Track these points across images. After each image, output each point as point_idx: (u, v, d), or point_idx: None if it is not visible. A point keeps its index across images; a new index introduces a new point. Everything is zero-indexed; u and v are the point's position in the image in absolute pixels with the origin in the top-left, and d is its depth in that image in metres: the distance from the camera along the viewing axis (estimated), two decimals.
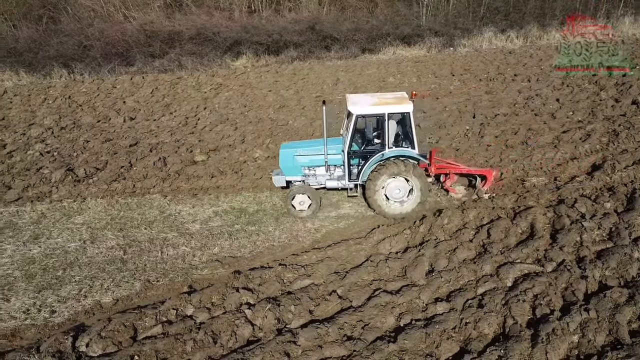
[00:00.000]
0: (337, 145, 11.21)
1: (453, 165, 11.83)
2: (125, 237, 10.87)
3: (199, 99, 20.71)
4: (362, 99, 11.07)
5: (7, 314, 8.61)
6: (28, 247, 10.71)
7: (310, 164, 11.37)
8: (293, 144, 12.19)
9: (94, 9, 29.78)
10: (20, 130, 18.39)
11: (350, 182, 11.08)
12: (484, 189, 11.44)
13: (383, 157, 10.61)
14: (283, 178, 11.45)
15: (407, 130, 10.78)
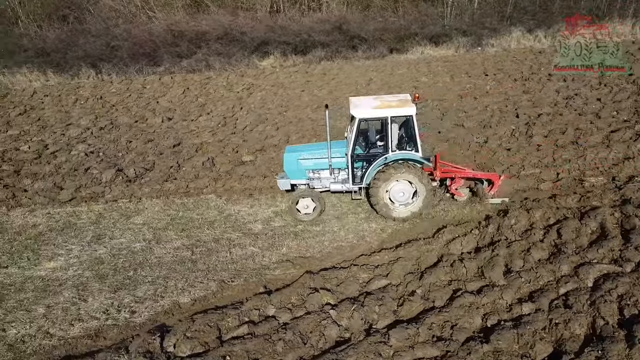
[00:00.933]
0: (341, 148, 11.16)
1: (458, 169, 11.79)
2: (189, 237, 10.88)
3: (233, 99, 20.70)
4: (365, 101, 11.04)
5: (87, 314, 8.64)
6: (93, 247, 10.73)
7: (315, 168, 11.34)
8: (297, 147, 12.20)
9: (117, 9, 29.80)
10: (58, 130, 18.42)
11: (354, 185, 11.07)
12: (490, 193, 11.38)
13: (387, 160, 10.60)
14: (288, 181, 11.42)
15: (410, 133, 10.77)
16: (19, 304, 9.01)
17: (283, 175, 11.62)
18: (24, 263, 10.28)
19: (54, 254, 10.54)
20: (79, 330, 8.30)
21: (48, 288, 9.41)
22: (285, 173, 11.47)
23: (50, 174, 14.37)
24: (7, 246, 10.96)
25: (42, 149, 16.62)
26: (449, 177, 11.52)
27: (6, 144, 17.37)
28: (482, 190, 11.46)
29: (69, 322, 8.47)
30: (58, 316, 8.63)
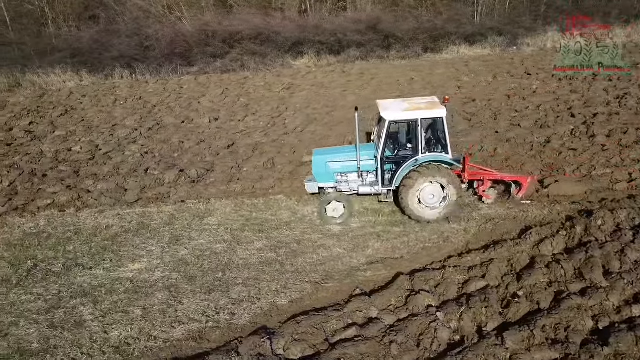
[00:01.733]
0: (369, 151, 11.14)
1: (487, 171, 11.76)
2: (269, 238, 10.82)
3: (276, 99, 20.67)
4: (394, 104, 11.01)
5: (185, 317, 8.59)
6: (173, 248, 10.69)
7: (343, 170, 11.32)
8: (325, 150, 12.19)
9: (146, 10, 29.78)
10: (105, 131, 18.41)
11: (383, 188, 11.03)
12: (518, 196, 11.35)
13: (417, 163, 10.53)
14: (315, 184, 11.38)
15: (440, 135, 10.72)
16: (114, 305, 8.97)
17: (311, 178, 11.58)
18: (107, 264, 10.24)
19: (136, 255, 10.50)
20: (181, 332, 8.24)
21: (139, 290, 9.35)
22: (313, 176, 11.45)
23: (110, 175, 14.35)
24: (86, 247, 10.93)
25: (94, 149, 16.62)
26: (477, 179, 11.52)
27: (56, 144, 17.37)
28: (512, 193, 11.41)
29: (169, 325, 8.41)
30: (157, 318, 8.58)
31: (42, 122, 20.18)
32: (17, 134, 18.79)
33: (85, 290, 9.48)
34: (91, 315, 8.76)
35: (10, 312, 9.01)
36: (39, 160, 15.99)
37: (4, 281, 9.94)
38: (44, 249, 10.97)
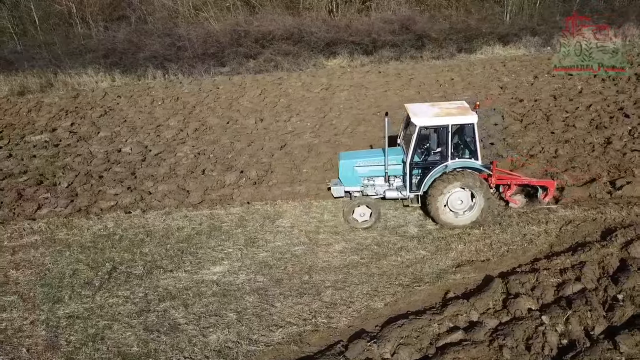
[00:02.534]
0: (397, 155, 11.08)
1: (514, 176, 11.69)
2: (347, 240, 10.76)
3: (317, 99, 20.59)
4: (424, 109, 10.90)
5: (281, 320, 8.54)
6: (251, 250, 10.63)
7: (370, 175, 11.27)
8: (352, 154, 12.15)
9: (175, 10, 29.74)
10: (151, 132, 18.35)
11: (411, 193, 10.97)
12: (545, 200, 11.30)
13: (447, 169, 10.47)
14: (342, 188, 11.33)
15: (470, 141, 10.65)
16: (205, 308, 8.92)
17: (337, 182, 11.53)
18: (188, 267, 10.19)
19: (215, 257, 10.45)
20: (280, 335, 8.19)
21: (227, 293, 9.30)
22: (340, 180, 11.42)
23: (168, 176, 14.30)
24: (162, 250, 10.88)
25: (144, 150, 16.56)
26: (504, 183, 11.46)
27: (104, 145, 17.32)
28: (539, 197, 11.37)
29: (267, 328, 8.36)
30: (253, 321, 8.52)
31: (83, 122, 20.13)
32: (62, 135, 18.75)
33: (171, 293, 9.43)
34: (184, 319, 8.71)
35: (101, 315, 8.97)
36: (91, 161, 15.94)
37: (86, 284, 9.90)
38: (120, 251, 10.92)
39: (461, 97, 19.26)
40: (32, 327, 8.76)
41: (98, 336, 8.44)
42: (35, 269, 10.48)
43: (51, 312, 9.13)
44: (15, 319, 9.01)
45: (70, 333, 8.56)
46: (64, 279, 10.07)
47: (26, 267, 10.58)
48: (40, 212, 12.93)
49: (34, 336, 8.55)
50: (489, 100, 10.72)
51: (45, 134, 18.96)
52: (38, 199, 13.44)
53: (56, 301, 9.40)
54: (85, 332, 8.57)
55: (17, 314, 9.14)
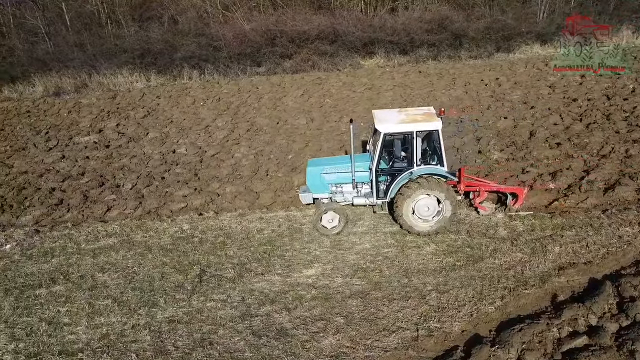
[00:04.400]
0: (364, 162, 11.06)
1: (483, 182, 11.63)
2: (435, 242, 10.58)
3: (363, 100, 20.41)
4: (390, 115, 10.85)
5: (392, 324, 8.36)
6: (339, 253, 10.48)
7: (338, 181, 11.22)
8: (320, 160, 12.08)
9: (204, 10, 29.61)
10: (200, 132, 18.23)
11: (378, 200, 10.91)
12: (515, 207, 11.23)
13: (412, 175, 10.41)
14: (310, 195, 11.28)
15: (435, 147, 10.58)
16: (309, 312, 8.75)
17: (305, 189, 11.46)
18: (279, 270, 10.03)
19: (305, 260, 10.29)
20: (396, 340, 8.02)
21: (328, 296, 9.14)
22: (308, 187, 11.34)
23: (232, 177, 14.14)
24: (247, 252, 10.73)
25: (200, 151, 16.41)
26: (473, 190, 11.39)
27: (156, 146, 17.19)
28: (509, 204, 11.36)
29: (379, 332, 8.19)
30: (362, 326, 8.36)
31: (128, 123, 20.00)
32: (110, 136, 18.62)
33: (269, 296, 9.27)
34: (290, 323, 8.55)
35: (202, 319, 8.81)
36: (148, 162, 15.80)
37: (177, 287, 9.75)
38: (204, 254, 10.77)
39: (510, 97, 19.12)
40: (135, 332, 8.60)
41: (205, 341, 8.28)
42: (122, 272, 10.32)
43: (149, 316, 8.97)
44: (114, 323, 8.85)
45: (176, 338, 8.39)
46: (153, 282, 9.92)
47: (112, 270, 10.42)
48: (110, 214, 12.80)
49: (139, 341, 8.39)
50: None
51: (92, 135, 18.83)
52: (105, 201, 13.30)
53: (152, 305, 9.24)
54: (191, 337, 8.41)
55: (115, 318, 8.98)
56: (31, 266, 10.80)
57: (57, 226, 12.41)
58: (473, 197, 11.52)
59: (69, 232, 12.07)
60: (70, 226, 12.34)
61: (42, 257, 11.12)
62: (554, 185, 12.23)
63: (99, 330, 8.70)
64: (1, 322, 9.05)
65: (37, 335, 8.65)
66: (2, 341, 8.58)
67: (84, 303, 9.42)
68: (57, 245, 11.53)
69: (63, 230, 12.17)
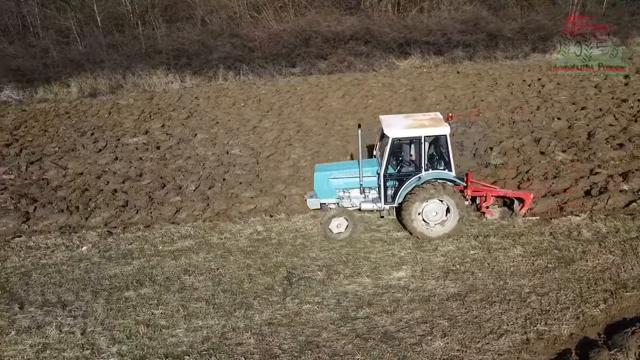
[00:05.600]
0: (371, 167, 11.04)
1: (490, 187, 11.64)
2: (521, 244, 10.51)
3: (408, 101, 20.38)
4: (397, 120, 10.88)
5: (497, 327, 8.30)
6: (424, 254, 10.44)
7: (345, 187, 11.22)
8: (327, 166, 12.07)
9: (234, 11, 29.60)
10: (248, 133, 18.24)
11: (386, 205, 10.89)
12: (521, 212, 11.25)
13: (420, 181, 10.41)
14: (317, 200, 11.29)
15: (443, 153, 10.63)
16: (410, 315, 8.71)
17: (312, 194, 11.45)
18: (367, 272, 10.00)
19: (391, 262, 10.26)
20: (507, 344, 7.95)
21: (426, 299, 9.09)
22: (315, 192, 11.34)
23: (295, 179, 14.11)
24: (329, 254, 10.73)
25: (254, 152, 16.39)
26: (480, 195, 11.38)
27: (208, 147, 17.19)
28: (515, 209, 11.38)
29: (487, 336, 8.13)
30: (468, 328, 8.30)
31: (172, 124, 19.99)
32: (158, 137, 18.61)
33: (364, 299, 9.24)
34: (393, 326, 8.51)
35: (302, 322, 8.77)
36: (204, 163, 15.77)
37: (268, 289, 9.73)
38: (286, 256, 10.74)
39: (558, 98, 19.07)
40: (236, 335, 8.56)
41: (311, 344, 8.23)
42: (207, 275, 10.28)
43: (247, 318, 8.93)
44: (213, 326, 8.81)
45: (280, 341, 8.34)
46: (242, 284, 9.88)
47: (196, 272, 10.39)
48: (179, 215, 12.77)
49: (244, 344, 8.34)
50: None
51: (140, 137, 18.81)
52: (171, 202, 13.28)
53: (247, 307, 9.20)
54: (295, 339, 8.36)
55: (213, 321, 8.94)
56: (113, 268, 10.78)
57: (129, 228, 12.38)
58: (480, 202, 11.55)
59: (142, 234, 12.06)
60: (142, 228, 12.32)
61: (122, 259, 11.09)
62: (627, 186, 12.17)
63: (200, 333, 8.65)
64: (98, 325, 9.01)
65: (138, 338, 8.61)
66: (103, 344, 8.54)
67: (177, 305, 9.38)
68: (134, 247, 11.51)
69: (136, 232, 12.15)
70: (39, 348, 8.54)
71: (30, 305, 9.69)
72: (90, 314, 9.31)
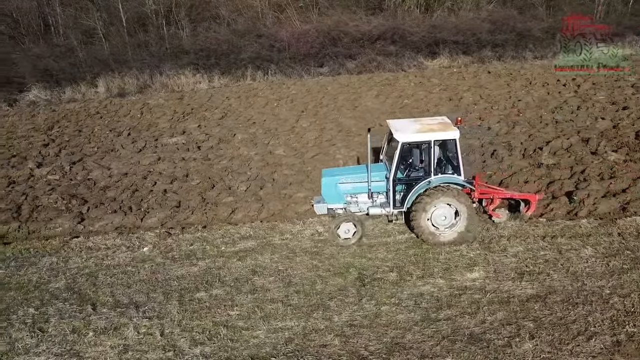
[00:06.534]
0: (380, 172, 11.00)
1: (496, 190, 11.62)
2: (590, 245, 10.46)
3: (444, 101, 20.32)
4: (406, 125, 10.86)
5: (584, 328, 8.23)
6: (495, 256, 10.37)
7: (354, 191, 11.15)
8: (334, 170, 12.01)
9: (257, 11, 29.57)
10: (287, 134, 18.18)
11: (394, 210, 10.84)
12: (527, 214, 11.26)
13: (430, 185, 10.40)
14: (325, 205, 11.19)
15: (452, 157, 10.61)
16: (493, 317, 8.64)
17: (319, 199, 11.37)
18: (439, 273, 9.95)
19: (462, 263, 10.21)
20: (597, 345, 7.88)
21: (507, 301, 9.02)
22: (322, 197, 11.25)
23: None
24: (397, 255, 10.68)
25: (298, 153, 16.33)
26: (487, 197, 11.37)
27: (250, 147, 17.14)
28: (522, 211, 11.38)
29: (576, 337, 8.06)
30: (556, 330, 8.23)
31: (209, 124, 19.97)
32: (197, 137, 18.57)
33: (442, 300, 9.19)
34: (478, 328, 8.46)
35: (383, 324, 8.73)
36: (249, 164, 15.72)
37: (340, 290, 9.69)
38: (353, 257, 10.71)
39: (596, 98, 18.98)
40: (319, 336, 8.50)
41: (398, 345, 8.18)
42: (277, 276, 10.24)
43: (326, 320, 8.88)
44: (293, 327, 8.76)
45: (366, 343, 8.29)
46: (315, 285, 9.84)
47: (265, 273, 10.35)
48: (234, 216, 12.71)
49: (329, 345, 8.29)
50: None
51: (179, 137, 18.77)
52: (225, 203, 13.24)
53: (325, 309, 9.16)
54: (380, 341, 8.31)
55: (292, 322, 8.89)
56: (179, 269, 10.73)
57: (187, 228, 12.34)
58: (486, 204, 11.52)
59: (202, 235, 12.02)
60: (200, 228, 12.28)
61: (186, 259, 11.05)
62: None
63: (281, 334, 8.60)
64: (175, 326, 8.96)
65: (219, 339, 8.56)
66: (185, 345, 8.50)
67: (253, 307, 9.32)
68: (196, 248, 11.47)
69: (195, 233, 12.11)
70: (120, 349, 8.49)
71: (102, 306, 9.65)
72: (165, 315, 9.26)
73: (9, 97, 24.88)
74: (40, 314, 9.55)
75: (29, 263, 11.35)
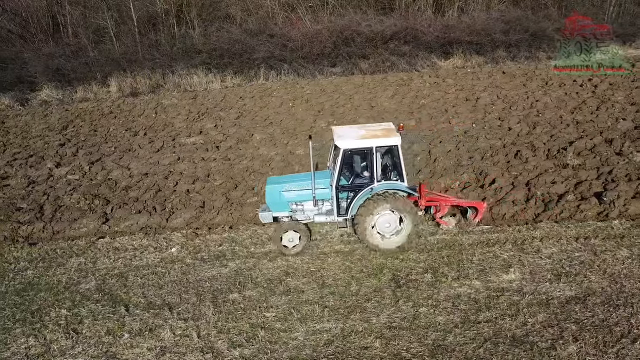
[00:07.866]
0: (324, 179, 10.89)
1: (443, 197, 11.58)
2: (625, 246, 10.39)
3: (461, 101, 20.22)
4: (349, 131, 10.84)
5: (626, 331, 8.17)
6: (530, 258, 10.29)
7: (298, 199, 11.00)
8: (278, 178, 11.86)
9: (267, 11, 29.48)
10: (306, 134, 17.99)
11: (339, 217, 10.79)
12: (475, 221, 11.28)
13: (372, 191, 10.34)
14: (270, 214, 11.03)
15: (395, 163, 10.57)
16: (534, 318, 8.56)
17: (264, 207, 11.19)
18: (474, 274, 9.88)
19: (497, 265, 10.13)
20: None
21: (546, 303, 8.95)
22: (267, 205, 11.08)
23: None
24: (430, 256, 10.59)
25: (319, 153, 16.17)
26: (434, 205, 11.32)
27: (269, 147, 17.05)
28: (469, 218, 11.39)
29: (619, 340, 8.00)
30: (599, 332, 8.18)
31: (225, 124, 19.88)
32: (215, 137, 18.49)
33: (480, 301, 9.12)
34: (520, 330, 8.38)
35: (423, 325, 8.68)
36: (270, 164, 15.64)
37: (376, 292, 9.62)
38: (386, 258, 10.63)
39: (615, 99, 18.91)
40: (359, 338, 8.44)
41: (440, 348, 8.11)
42: (309, 277, 10.17)
43: (364, 321, 8.81)
44: (331, 329, 8.70)
45: (407, 345, 8.22)
46: (349, 286, 9.77)
47: (298, 274, 10.29)
48: None
49: (370, 347, 8.23)
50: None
51: (196, 136, 18.69)
52: (251, 204, 13.15)
53: (361, 310, 9.08)
54: (422, 343, 8.24)
55: (330, 324, 8.82)
56: (209, 270, 10.66)
57: (214, 229, 12.26)
58: (434, 211, 11.46)
59: (229, 235, 11.95)
60: (227, 229, 12.20)
61: (216, 260, 10.98)
62: None
63: (320, 336, 8.53)
64: (211, 328, 8.89)
65: (258, 341, 8.49)
66: (223, 347, 8.43)
67: (288, 308, 9.26)
68: (225, 249, 11.39)
69: (222, 234, 12.04)
70: (157, 351, 8.43)
71: (135, 308, 9.57)
72: (200, 317, 9.19)
73: (21, 97, 24.77)
74: (72, 315, 9.48)
75: (56, 264, 11.27)
